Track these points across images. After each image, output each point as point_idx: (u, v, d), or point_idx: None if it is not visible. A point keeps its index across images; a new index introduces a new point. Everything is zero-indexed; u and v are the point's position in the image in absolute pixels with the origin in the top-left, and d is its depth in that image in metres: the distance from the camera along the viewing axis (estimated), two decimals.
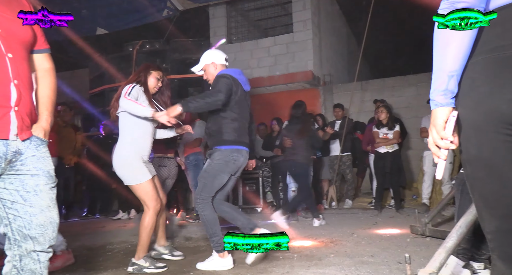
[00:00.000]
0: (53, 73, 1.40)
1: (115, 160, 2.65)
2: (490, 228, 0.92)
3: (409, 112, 6.94)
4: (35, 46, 1.33)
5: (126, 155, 2.59)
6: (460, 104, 0.97)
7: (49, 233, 1.26)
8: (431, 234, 3.12)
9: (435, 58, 0.98)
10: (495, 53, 0.88)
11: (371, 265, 2.44)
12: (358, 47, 8.64)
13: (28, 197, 1.22)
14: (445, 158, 1.00)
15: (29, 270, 1.23)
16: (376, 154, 4.98)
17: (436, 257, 1.63)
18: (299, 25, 7.60)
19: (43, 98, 1.35)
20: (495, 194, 0.90)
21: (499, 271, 0.90)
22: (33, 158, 1.24)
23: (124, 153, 2.60)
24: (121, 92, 2.62)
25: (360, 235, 3.47)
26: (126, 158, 2.59)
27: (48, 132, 1.31)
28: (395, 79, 7.38)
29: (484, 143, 0.90)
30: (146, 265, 2.54)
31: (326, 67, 8.22)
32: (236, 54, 8.00)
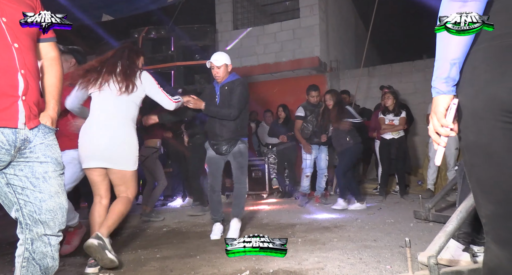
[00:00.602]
0: (59, 62, 1.43)
1: (128, 142, 2.46)
2: (486, 212, 0.94)
3: (416, 98, 6.87)
4: (41, 35, 1.36)
5: (135, 140, 2.53)
6: (461, 91, 0.97)
7: (59, 217, 1.31)
8: (434, 219, 3.15)
9: (438, 46, 0.98)
10: (497, 41, 0.88)
11: (373, 249, 2.48)
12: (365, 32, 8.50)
13: (38, 183, 1.27)
14: (444, 144, 1.02)
15: (40, 253, 1.29)
16: (382, 140, 4.98)
17: (436, 240, 1.66)
18: (306, 10, 7.49)
19: (49, 87, 1.38)
20: (491, 179, 0.91)
21: (492, 253, 0.93)
22: (41, 145, 1.29)
23: (135, 137, 2.53)
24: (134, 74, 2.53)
25: (364, 220, 3.51)
26: (136, 143, 2.54)
27: (55, 121, 1.35)
28: (402, 65, 7.29)
29: (483, 130, 0.91)
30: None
31: (333, 53, 8.12)
32: (242, 40, 7.94)
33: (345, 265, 2.20)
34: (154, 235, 3.42)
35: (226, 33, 8.10)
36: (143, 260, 2.56)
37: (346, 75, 7.68)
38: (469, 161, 0.97)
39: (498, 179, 0.90)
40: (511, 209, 0.89)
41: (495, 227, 0.92)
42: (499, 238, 0.91)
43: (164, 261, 2.50)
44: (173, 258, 2.56)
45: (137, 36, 7.30)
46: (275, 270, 2.17)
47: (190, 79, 6.80)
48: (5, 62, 1.18)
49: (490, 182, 0.92)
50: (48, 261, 1.30)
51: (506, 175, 0.88)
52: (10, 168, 1.25)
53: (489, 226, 0.94)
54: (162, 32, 7.36)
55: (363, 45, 6.28)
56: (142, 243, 3.09)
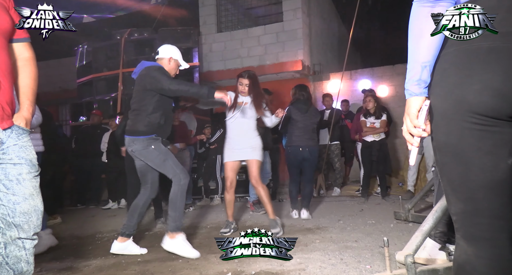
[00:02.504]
0: (33, 63, 1.40)
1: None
2: (456, 210, 0.98)
3: (397, 101, 7.02)
4: (14, 35, 1.32)
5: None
6: (432, 93, 1.01)
7: (34, 220, 1.28)
8: (414, 220, 3.22)
9: (410, 49, 1.02)
10: (465, 45, 0.91)
11: (354, 250, 2.52)
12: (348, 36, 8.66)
13: (11, 185, 1.23)
14: (417, 145, 1.05)
15: (14, 257, 1.25)
16: (363, 143, 5.06)
17: (413, 240, 1.70)
18: (289, 14, 7.57)
19: (24, 88, 1.35)
20: (460, 178, 0.95)
21: (461, 249, 0.96)
22: (14, 147, 1.25)
23: None
24: None
25: (346, 222, 3.56)
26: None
27: (29, 122, 1.32)
28: (383, 69, 7.44)
29: (452, 130, 0.94)
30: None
31: (316, 56, 8.22)
32: (226, 43, 7.95)
33: (327, 265, 2.22)
34: (136, 238, 3.36)
35: (210, 35, 8.10)
36: (124, 264, 2.52)
37: (329, 78, 7.78)
38: (440, 160, 1.00)
39: (467, 177, 0.93)
40: (478, 206, 0.93)
41: (464, 224, 0.95)
42: (467, 234, 0.95)
43: (145, 265, 2.47)
44: (154, 262, 2.53)
45: (119, 38, 7.22)
46: (257, 272, 2.17)
47: None
48: None
49: (459, 180, 0.95)
50: (22, 266, 1.27)
51: (473, 173, 0.92)
52: None
53: (458, 223, 0.97)
54: (145, 34, 7.31)
55: (345, 49, 6.38)
56: None
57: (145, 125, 2.67)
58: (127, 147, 2.78)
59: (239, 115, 3.23)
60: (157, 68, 2.72)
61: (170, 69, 2.85)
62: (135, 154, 2.73)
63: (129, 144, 2.73)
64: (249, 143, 3.23)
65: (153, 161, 2.71)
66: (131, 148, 2.71)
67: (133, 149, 2.71)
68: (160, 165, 2.71)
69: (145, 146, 2.67)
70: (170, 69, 2.85)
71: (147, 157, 2.70)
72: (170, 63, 2.85)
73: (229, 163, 3.28)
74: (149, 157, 2.70)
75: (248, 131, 3.24)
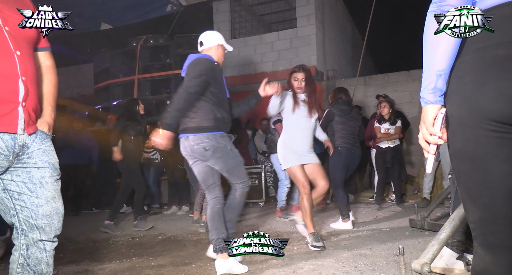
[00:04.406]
0: (54, 71, 1.47)
1: None
2: (473, 217, 0.97)
3: (412, 107, 6.93)
4: (38, 44, 1.39)
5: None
6: (448, 101, 1.01)
7: (55, 223, 1.32)
8: (430, 228, 3.16)
9: (425, 58, 1.02)
10: (480, 53, 0.92)
11: (368, 258, 2.49)
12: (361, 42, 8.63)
13: (35, 188, 1.28)
14: (434, 152, 1.04)
15: (35, 259, 1.29)
16: (378, 149, 5.01)
17: (430, 248, 1.67)
18: (303, 20, 7.59)
19: (46, 95, 1.41)
20: (477, 185, 0.94)
21: (479, 257, 0.95)
22: (38, 151, 1.30)
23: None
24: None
25: (360, 229, 3.52)
26: None
27: (52, 127, 1.37)
28: (398, 74, 7.37)
29: (469, 138, 0.94)
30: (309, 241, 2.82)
31: (330, 62, 8.21)
32: (240, 49, 8.01)
33: (340, 273, 2.20)
34: (150, 243, 3.41)
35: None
36: (138, 269, 2.55)
37: (343, 84, 7.74)
38: (457, 168, 0.99)
39: (484, 185, 0.92)
40: (496, 214, 0.91)
41: (482, 232, 0.94)
42: (485, 242, 0.94)
43: (159, 269, 2.50)
44: (168, 266, 2.55)
45: (135, 44, 7.37)
46: None
47: None
48: (8, 69, 1.21)
49: (476, 188, 0.94)
50: (43, 267, 1.30)
51: (491, 180, 0.91)
52: (7, 173, 1.26)
53: (476, 231, 0.96)
54: (160, 41, 7.43)
55: (359, 55, 6.36)
56: (137, 251, 3.08)
57: (214, 121, 2.44)
58: (193, 144, 2.42)
59: (301, 114, 2.96)
60: (199, 62, 2.50)
61: (219, 56, 2.63)
62: (207, 151, 2.41)
63: (200, 140, 2.40)
64: (311, 145, 3.02)
65: (226, 162, 2.45)
66: (205, 144, 2.40)
67: (208, 146, 2.40)
68: (232, 168, 2.47)
69: (222, 144, 2.45)
70: (219, 56, 2.64)
71: (222, 157, 2.43)
72: (219, 50, 2.63)
73: (296, 167, 2.89)
74: (223, 157, 2.44)
75: (310, 132, 3.02)
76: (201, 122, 2.44)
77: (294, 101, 2.97)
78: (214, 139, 2.43)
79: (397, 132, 4.89)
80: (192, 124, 2.45)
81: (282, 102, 2.96)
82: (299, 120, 2.97)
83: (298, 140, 2.97)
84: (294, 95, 3.00)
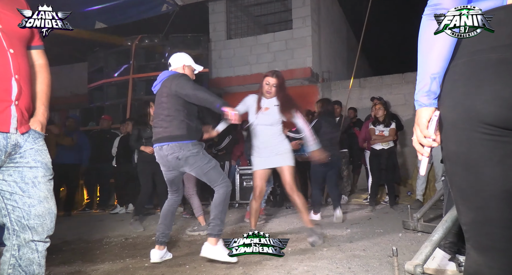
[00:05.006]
0: (47, 69, 1.45)
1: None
2: (466, 220, 0.97)
3: (406, 110, 6.98)
4: (31, 42, 1.37)
5: None
6: (442, 104, 1.01)
7: (47, 223, 1.31)
8: (423, 229, 3.18)
9: (419, 61, 1.03)
10: (474, 57, 0.93)
11: (362, 259, 2.50)
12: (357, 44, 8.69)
13: (27, 188, 1.26)
14: (428, 155, 1.05)
15: (27, 259, 1.28)
16: (372, 151, 5.03)
17: (422, 250, 1.68)
18: (299, 22, 7.62)
19: (39, 93, 1.40)
20: (470, 187, 0.95)
21: (472, 259, 0.96)
22: (31, 150, 1.29)
23: None
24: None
25: (354, 230, 3.53)
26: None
27: (44, 126, 1.36)
28: (392, 77, 7.41)
29: (462, 140, 0.95)
30: None
31: (325, 64, 8.24)
32: (236, 50, 8.02)
33: (334, 274, 2.21)
34: (143, 243, 3.39)
35: (220, 42, 8.17)
36: (132, 269, 2.53)
37: (338, 86, 7.78)
38: (450, 170, 1.00)
39: (477, 187, 0.93)
40: (489, 216, 0.92)
41: (475, 233, 0.95)
42: (478, 244, 0.94)
43: (152, 270, 2.48)
44: (162, 267, 2.54)
45: (130, 44, 7.34)
46: None
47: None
48: (1, 68, 1.20)
49: (469, 190, 0.95)
50: (34, 268, 1.29)
51: (484, 182, 0.92)
52: None
53: (469, 233, 0.97)
54: (155, 41, 7.41)
55: (354, 57, 6.39)
56: (130, 252, 3.06)
57: (186, 130, 2.59)
58: (167, 154, 2.59)
59: (263, 120, 3.05)
60: (182, 75, 2.70)
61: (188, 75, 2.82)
62: (180, 161, 2.58)
63: (173, 150, 2.56)
64: (276, 149, 3.06)
65: (201, 168, 2.59)
66: (177, 154, 2.56)
67: (180, 156, 2.56)
68: (207, 172, 2.60)
69: (194, 152, 2.56)
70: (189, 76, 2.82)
71: (195, 163, 2.58)
72: (185, 71, 2.81)
73: (258, 171, 3.12)
74: (197, 164, 2.58)
75: (273, 137, 3.07)
76: (174, 131, 2.59)
77: (257, 106, 3.08)
78: (186, 147, 2.57)
79: (391, 135, 4.92)
80: (166, 134, 2.61)
81: (247, 104, 3.13)
82: (261, 126, 3.08)
83: (260, 145, 3.11)
84: (259, 99, 3.09)
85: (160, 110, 2.70)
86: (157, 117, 2.73)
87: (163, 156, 2.62)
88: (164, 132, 2.61)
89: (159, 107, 2.72)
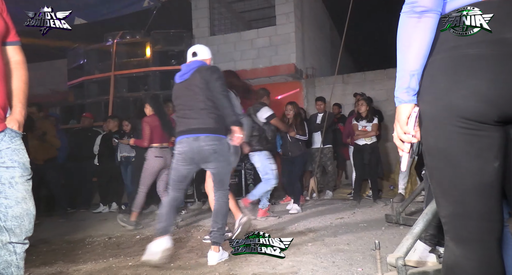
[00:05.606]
0: (24, 66, 1.40)
1: None
2: (445, 212, 1.00)
3: (388, 105, 7.08)
4: (7, 38, 1.33)
5: None
6: (421, 99, 1.03)
7: (26, 224, 1.27)
8: (405, 222, 3.25)
9: (399, 58, 1.04)
10: (451, 52, 0.95)
11: (346, 253, 2.53)
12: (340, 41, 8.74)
13: (3, 189, 1.22)
14: (408, 151, 1.07)
15: (5, 262, 1.24)
16: (355, 146, 5.10)
17: (404, 242, 1.72)
18: (282, 18, 7.61)
19: (16, 91, 1.35)
20: (449, 181, 0.97)
21: (450, 251, 0.99)
22: (7, 150, 1.25)
23: None
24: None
25: (338, 225, 3.58)
26: None
27: (22, 125, 1.32)
28: (375, 73, 7.51)
29: (441, 135, 0.97)
30: None
31: (309, 60, 8.27)
32: (219, 47, 7.96)
33: (319, 268, 2.23)
34: (127, 243, 3.35)
35: (203, 39, 8.09)
36: (115, 269, 2.50)
37: (322, 82, 7.83)
38: (430, 164, 1.02)
39: (455, 180, 0.95)
40: (467, 209, 0.95)
41: (453, 226, 0.98)
42: (456, 236, 0.97)
43: (136, 269, 2.46)
44: (146, 266, 2.51)
45: (111, 40, 7.18)
46: None
47: (167, 84, 6.74)
48: None
49: (448, 183, 0.97)
50: (12, 271, 1.26)
51: (462, 176, 0.94)
52: None
53: (448, 225, 0.99)
54: (137, 37, 7.28)
55: (338, 53, 6.44)
56: (114, 251, 3.02)
57: (223, 125, 2.53)
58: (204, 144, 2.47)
59: None
60: (218, 71, 2.60)
61: None
62: (215, 154, 2.48)
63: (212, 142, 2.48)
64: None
65: (224, 167, 2.54)
66: (216, 147, 2.47)
67: (218, 149, 2.48)
68: (226, 173, 2.56)
69: (229, 149, 2.54)
70: None
71: (224, 161, 2.54)
72: (211, 64, 2.76)
73: None
74: (225, 162, 2.55)
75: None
76: (212, 124, 2.52)
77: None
78: (225, 142, 2.56)
79: (374, 130, 4.99)
80: (203, 126, 2.51)
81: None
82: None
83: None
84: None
85: (192, 101, 2.56)
86: (186, 107, 2.59)
87: (195, 147, 2.48)
88: (200, 124, 2.51)
89: (188, 98, 2.58)
